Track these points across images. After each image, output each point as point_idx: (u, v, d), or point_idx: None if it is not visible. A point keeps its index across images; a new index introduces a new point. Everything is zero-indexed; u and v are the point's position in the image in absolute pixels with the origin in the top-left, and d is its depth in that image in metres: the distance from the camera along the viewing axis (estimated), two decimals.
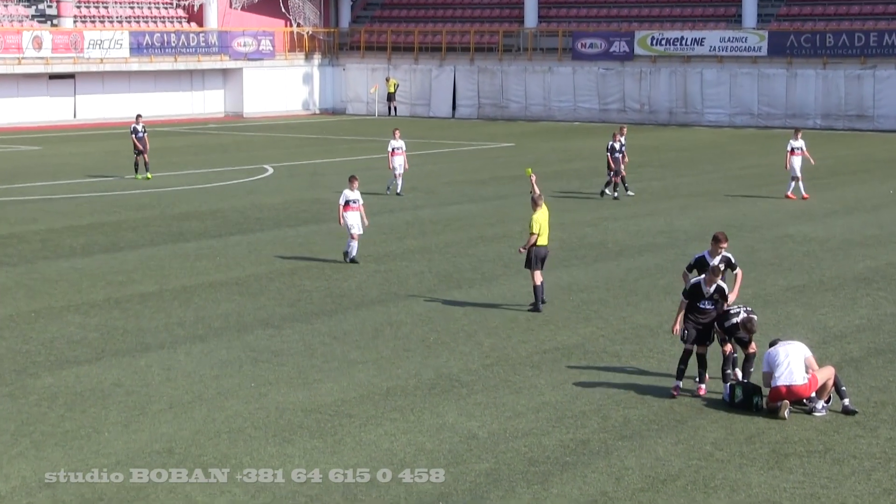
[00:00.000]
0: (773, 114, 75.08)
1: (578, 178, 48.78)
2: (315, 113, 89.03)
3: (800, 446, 16.95)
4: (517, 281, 28.39)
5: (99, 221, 37.58)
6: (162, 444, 16.99)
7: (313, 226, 36.82)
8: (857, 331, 23.53)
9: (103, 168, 52.34)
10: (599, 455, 16.62)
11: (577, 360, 21.54)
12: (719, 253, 20.28)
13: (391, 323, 24.38)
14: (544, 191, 44.69)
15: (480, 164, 55.21)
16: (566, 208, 40.25)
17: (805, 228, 35.84)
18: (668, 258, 31.06)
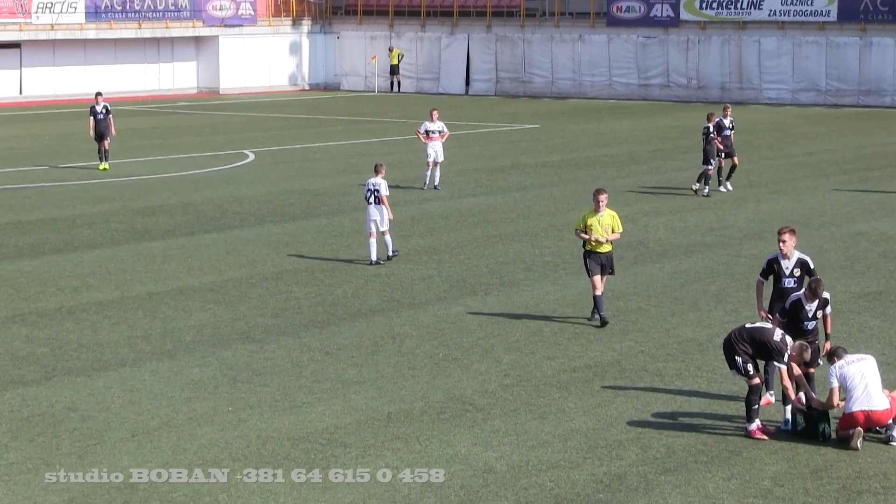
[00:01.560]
0: (843, 90, 75.06)
1: (614, 166, 48.84)
2: (304, 89, 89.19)
3: (875, 482, 16.96)
4: (541, 286, 28.44)
5: (50, 217, 37.67)
6: (123, 480, 17.03)
7: (302, 222, 36.88)
8: None
9: (55, 154, 52.48)
10: (638, 492, 16.64)
11: (613, 379, 21.56)
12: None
13: (393, 336, 24.42)
14: (573, 180, 44.98)
15: (499, 149, 55.27)
16: None
17: (882, 225, 35.83)
18: (720, 260, 31.07)
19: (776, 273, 20.63)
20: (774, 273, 20.65)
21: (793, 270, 20.49)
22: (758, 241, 33.24)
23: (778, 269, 20.59)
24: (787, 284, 20.41)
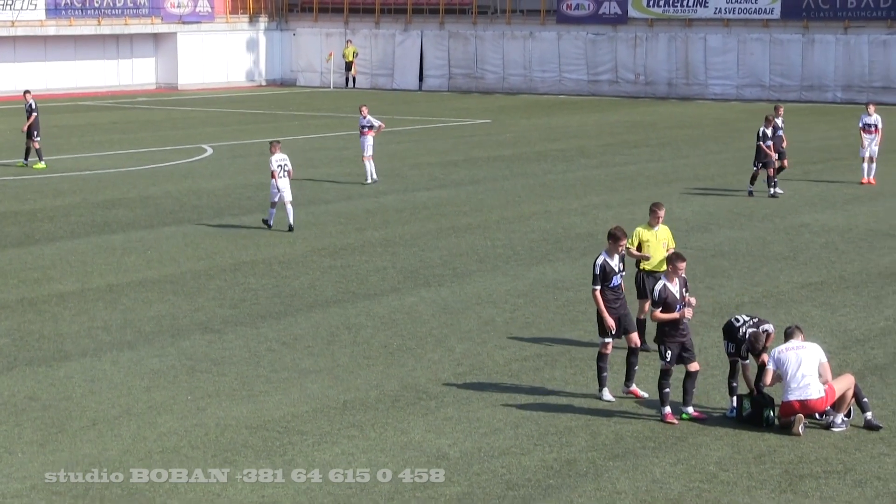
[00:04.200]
0: (786, 85, 75.47)
1: (564, 160, 48.96)
2: (261, 85, 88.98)
3: (816, 466, 17.09)
4: (493, 278, 28.51)
5: (10, 210, 37.49)
6: (84, 467, 17.00)
7: (259, 215, 36.79)
8: (882, 334, 23.72)
9: (14, 148, 52.16)
10: (588, 477, 16.71)
11: (563, 368, 21.64)
12: (619, 251, 20.11)
13: (349, 326, 24.44)
14: (524, 174, 45.09)
15: (452, 143, 55.32)
16: (550, 195, 40.39)
17: (823, 217, 36.07)
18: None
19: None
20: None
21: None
22: (703, 234, 33.42)
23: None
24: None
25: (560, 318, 24.99)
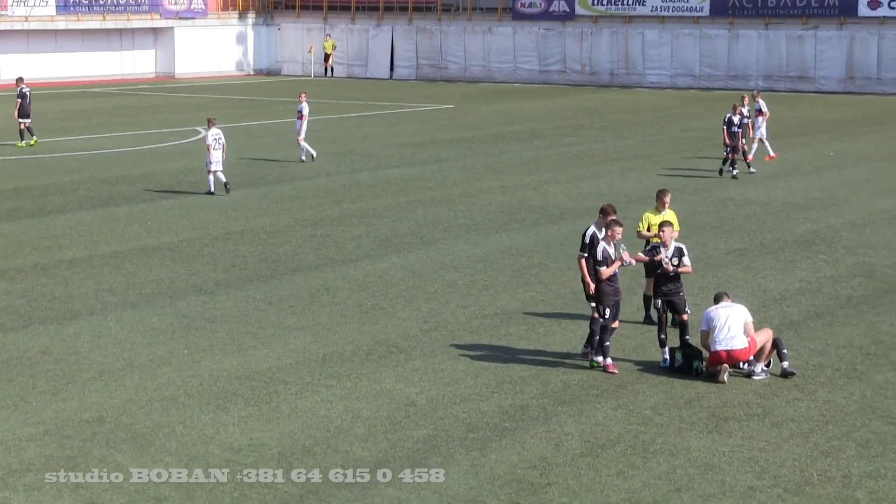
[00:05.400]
0: (714, 75, 75.54)
1: (519, 141, 48.93)
2: (249, 74, 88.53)
3: (739, 410, 17.18)
4: (456, 245, 28.51)
5: (25, 185, 37.25)
6: (92, 413, 16.96)
7: (247, 190, 36.69)
8: (796, 294, 23.84)
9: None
10: (538, 420, 16.76)
11: (517, 325, 21.68)
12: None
13: (328, 288, 24.41)
14: (483, 153, 45.03)
15: (419, 126, 55.21)
16: (506, 172, 40.38)
17: (747, 191, 36.17)
18: None
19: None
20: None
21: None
22: (642, 205, 33.42)
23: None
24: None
25: (515, 281, 25.01)
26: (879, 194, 35.39)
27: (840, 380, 18.45)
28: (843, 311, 22.50)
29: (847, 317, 22.06)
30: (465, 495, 14.17)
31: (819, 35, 72.91)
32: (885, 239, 28.98)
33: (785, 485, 14.45)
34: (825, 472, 14.82)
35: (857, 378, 18.53)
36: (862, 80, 71.78)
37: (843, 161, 42.65)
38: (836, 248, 27.97)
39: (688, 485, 14.48)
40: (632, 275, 23.57)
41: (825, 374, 18.71)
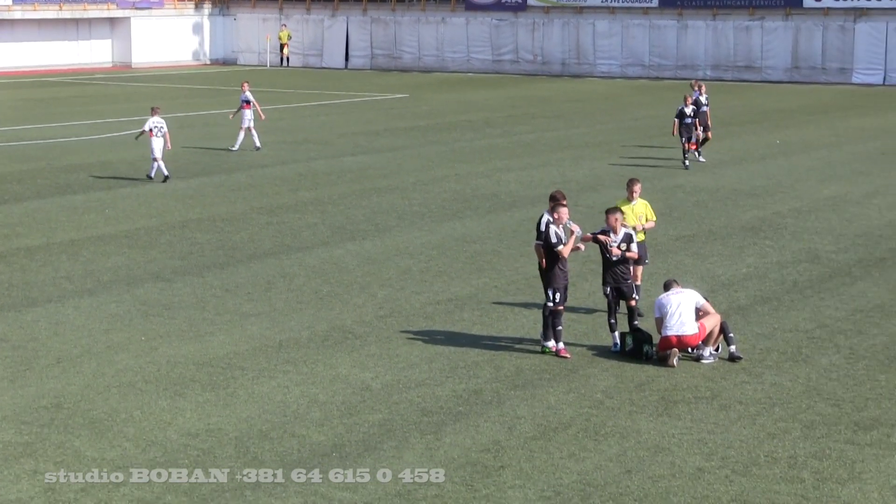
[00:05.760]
0: (664, 65, 75.79)
1: (472, 130, 48.93)
2: (206, 63, 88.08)
3: (688, 393, 17.26)
4: (411, 233, 28.49)
5: None
6: (50, 399, 16.84)
7: (204, 178, 36.54)
8: (744, 279, 23.97)
9: None
10: (492, 405, 16.78)
11: (471, 311, 21.69)
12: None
13: (284, 275, 24.34)
14: (437, 141, 45.01)
15: (374, 115, 55.10)
16: (460, 160, 40.38)
17: (695, 179, 36.33)
18: None
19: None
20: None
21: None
22: (592, 193, 33.55)
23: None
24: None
25: (468, 268, 25.02)
26: (824, 181, 35.63)
27: (786, 363, 18.57)
28: (790, 295, 22.65)
29: (793, 301, 22.21)
30: (420, 478, 14.16)
31: (765, 26, 73.29)
32: (830, 225, 29.19)
33: (733, 466, 14.54)
34: (772, 454, 14.92)
35: (803, 361, 18.66)
36: (807, 69, 72.22)
37: (788, 149, 42.90)
38: (783, 235, 28.14)
39: (638, 466, 14.54)
40: (583, 260, 23.63)
41: (772, 358, 18.82)
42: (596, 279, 23.10)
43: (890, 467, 14.46)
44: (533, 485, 14.00)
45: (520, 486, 13.97)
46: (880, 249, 26.48)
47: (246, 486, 13.97)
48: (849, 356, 18.85)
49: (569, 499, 13.60)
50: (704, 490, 13.82)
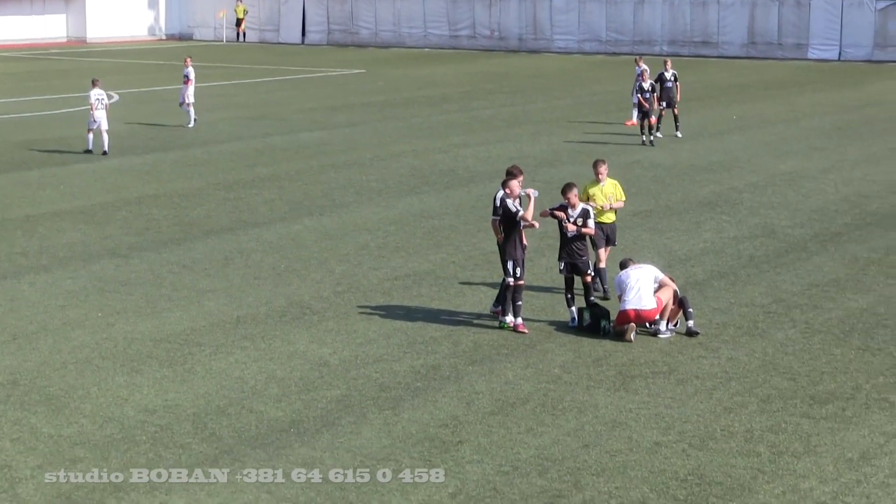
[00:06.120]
0: (620, 40, 75.85)
1: (430, 105, 48.85)
2: (161, 38, 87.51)
3: (645, 368, 17.32)
4: (368, 208, 28.45)
5: None
6: (6, 376, 16.73)
7: (160, 154, 36.33)
8: (701, 254, 24.07)
9: None
10: (450, 380, 16.79)
11: (429, 286, 21.68)
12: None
13: (241, 251, 24.25)
14: (395, 117, 44.90)
15: (331, 90, 54.91)
16: (417, 136, 40.32)
17: (652, 154, 36.41)
18: None
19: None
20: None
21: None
22: (550, 169, 33.58)
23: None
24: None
25: (426, 243, 25.00)
26: (780, 156, 35.80)
27: (742, 337, 18.68)
28: (746, 270, 22.76)
29: (749, 276, 22.32)
30: (378, 454, 14.17)
31: (722, 1, 73.43)
32: (786, 200, 29.34)
33: (689, 440, 14.61)
34: (728, 428, 15.01)
35: (759, 336, 18.77)
36: (763, 45, 72.48)
37: (745, 124, 43.07)
38: (739, 210, 28.27)
39: (596, 441, 14.59)
40: (540, 236, 23.66)
41: (728, 333, 18.92)
42: (553, 255, 23.16)
43: (845, 441, 14.58)
44: (491, 459, 14.03)
45: (478, 460, 14.00)
46: (836, 224, 26.66)
47: (204, 461, 13.93)
48: (804, 330, 18.98)
49: (526, 473, 13.64)
50: (661, 464, 13.89)
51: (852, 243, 24.81)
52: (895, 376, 16.86)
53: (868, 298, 20.75)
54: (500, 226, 19.13)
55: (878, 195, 29.83)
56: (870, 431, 14.86)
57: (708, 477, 13.54)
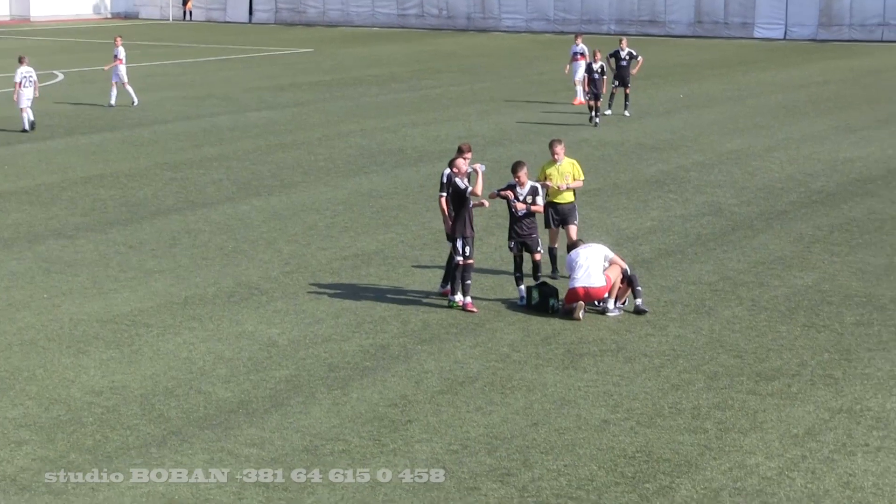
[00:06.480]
0: (568, 19, 75.92)
1: (378, 84, 48.72)
2: (107, 17, 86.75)
3: (593, 346, 17.38)
4: (316, 188, 28.36)
5: None
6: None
7: (107, 133, 36.04)
8: (648, 232, 24.16)
9: None
10: (399, 359, 16.78)
11: (377, 266, 21.65)
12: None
13: (189, 231, 24.12)
14: (343, 97, 44.75)
15: (279, 70, 54.65)
16: (366, 115, 40.21)
17: (600, 133, 36.49)
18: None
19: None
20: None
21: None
22: (499, 147, 33.59)
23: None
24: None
25: (374, 223, 24.96)
26: (727, 135, 35.97)
27: (690, 315, 18.77)
28: (693, 248, 22.87)
29: (696, 254, 22.43)
30: (328, 433, 14.14)
31: None
32: (732, 178, 29.49)
33: (638, 417, 14.68)
34: (676, 405, 15.09)
35: (706, 313, 18.87)
36: (710, 24, 72.76)
37: (692, 103, 43.25)
38: (686, 188, 28.39)
39: (545, 419, 14.63)
40: (489, 216, 23.66)
41: (676, 310, 19.01)
42: (501, 234, 23.18)
43: (791, 417, 14.70)
44: (440, 438, 14.04)
45: (427, 440, 14.00)
46: (781, 202, 26.83)
47: (151, 443, 13.86)
48: (751, 308, 19.10)
49: (475, 452, 13.66)
50: (610, 441, 13.95)
51: (798, 221, 24.99)
52: (840, 353, 17.00)
53: (813, 276, 20.91)
54: (448, 203, 19.13)
55: (822, 173, 30.05)
56: (815, 407, 14.99)
57: (656, 454, 13.61)
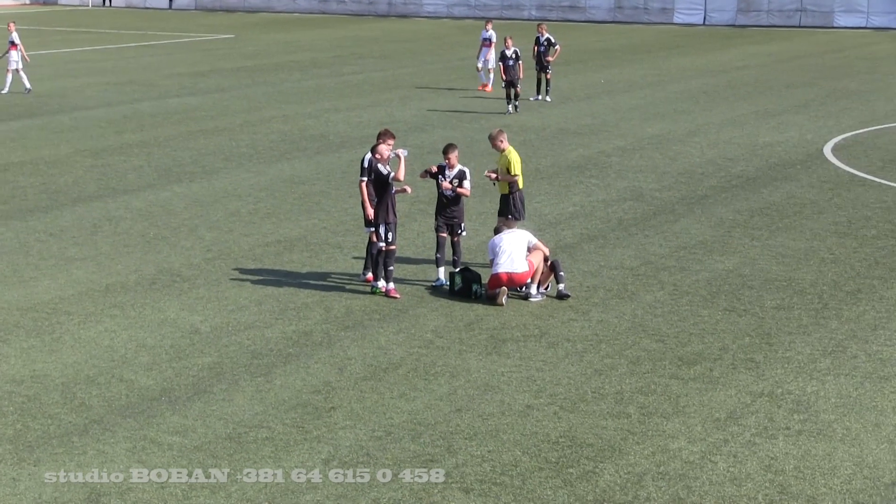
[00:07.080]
0: (490, 5, 76.03)
1: (300, 70, 48.47)
2: (25, 3, 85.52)
3: (517, 331, 17.39)
4: (238, 174, 28.15)
5: None
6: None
7: (27, 120, 35.54)
8: (570, 218, 24.22)
9: None
10: (322, 346, 16.69)
11: (300, 252, 21.53)
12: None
13: (110, 219, 23.84)
14: (265, 82, 44.45)
15: (199, 56, 54.19)
16: (287, 101, 39.99)
17: (522, 118, 36.54)
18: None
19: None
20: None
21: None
22: (421, 133, 33.54)
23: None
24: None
25: (297, 209, 24.82)
26: (647, 120, 36.17)
27: (612, 300, 18.84)
28: (615, 233, 22.96)
29: (618, 239, 22.52)
30: (251, 421, 14.03)
31: None
32: (653, 163, 29.65)
33: (561, 402, 14.70)
34: (599, 390, 15.13)
35: (629, 298, 18.95)
36: (630, 10, 73.17)
37: (613, 88, 43.44)
38: (608, 173, 28.50)
39: (468, 405, 14.61)
40: (412, 201, 23.61)
41: (598, 295, 19.07)
42: (423, 220, 23.15)
43: (713, 401, 14.79)
44: (364, 425, 13.98)
45: (350, 426, 13.94)
46: (702, 187, 27.01)
47: (73, 432, 13.68)
48: (672, 293, 19.20)
49: (399, 438, 13.62)
50: (533, 427, 13.96)
51: (718, 206, 25.17)
52: (760, 336, 17.14)
53: (734, 260, 21.07)
54: (370, 188, 19.06)
55: (742, 158, 30.30)
56: (736, 391, 15.10)
57: (579, 439, 13.64)
